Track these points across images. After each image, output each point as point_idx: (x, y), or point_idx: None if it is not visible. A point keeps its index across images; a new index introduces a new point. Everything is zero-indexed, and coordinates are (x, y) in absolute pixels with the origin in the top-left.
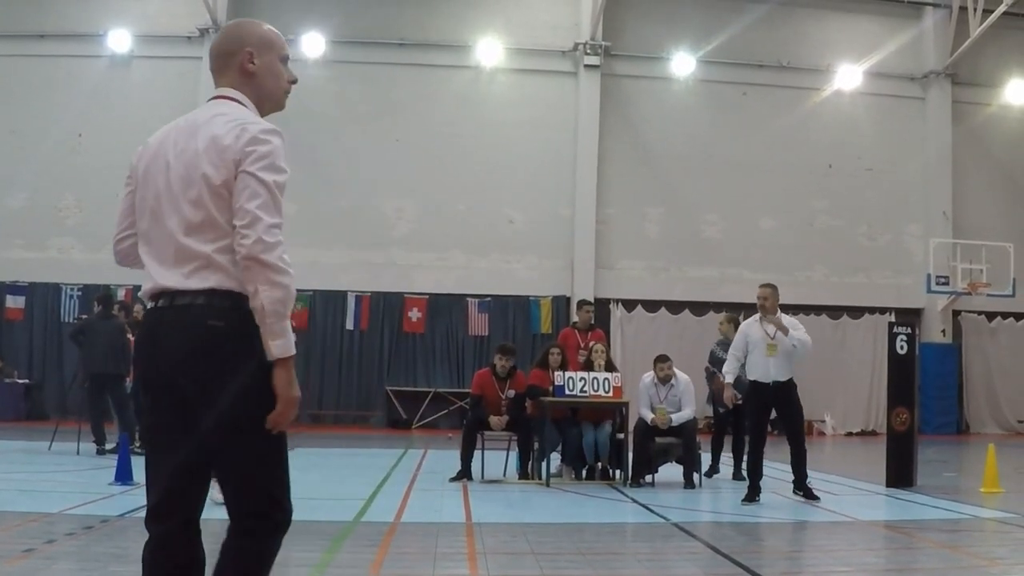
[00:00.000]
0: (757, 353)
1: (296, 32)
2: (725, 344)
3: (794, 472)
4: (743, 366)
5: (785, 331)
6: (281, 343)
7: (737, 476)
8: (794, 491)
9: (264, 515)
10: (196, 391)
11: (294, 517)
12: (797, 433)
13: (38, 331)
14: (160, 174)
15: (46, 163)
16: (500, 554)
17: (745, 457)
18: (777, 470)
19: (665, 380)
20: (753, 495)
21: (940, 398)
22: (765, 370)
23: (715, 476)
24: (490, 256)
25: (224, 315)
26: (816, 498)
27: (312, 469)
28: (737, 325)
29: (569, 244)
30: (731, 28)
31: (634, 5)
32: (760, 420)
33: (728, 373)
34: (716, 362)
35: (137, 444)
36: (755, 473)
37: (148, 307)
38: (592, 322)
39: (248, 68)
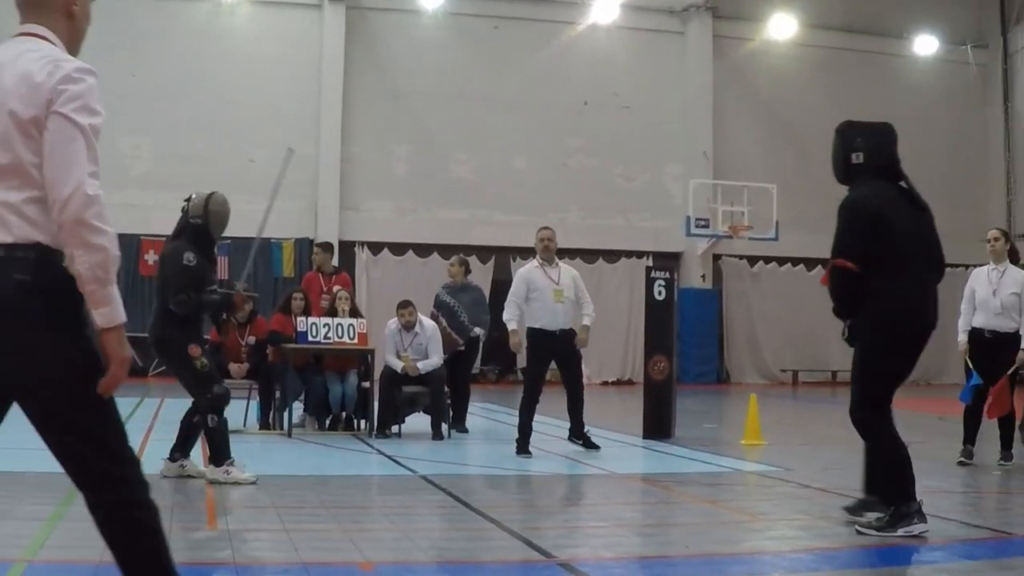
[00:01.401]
0: (543, 300)
1: None
2: (452, 288)
3: (572, 420)
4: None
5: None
6: (106, 311)
7: (460, 428)
8: (570, 438)
9: (115, 491)
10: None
11: (28, 468)
12: (578, 380)
13: None
14: None
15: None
16: (240, 508)
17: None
18: (538, 423)
19: (409, 327)
20: (526, 448)
21: (700, 346)
22: (552, 317)
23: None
24: (230, 197)
25: (30, 268)
26: (596, 447)
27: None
28: (468, 269)
29: (313, 184)
30: None
31: None
32: (542, 371)
33: (511, 320)
34: (441, 307)
35: None
36: (528, 426)
37: None
38: (336, 265)
39: (73, 11)
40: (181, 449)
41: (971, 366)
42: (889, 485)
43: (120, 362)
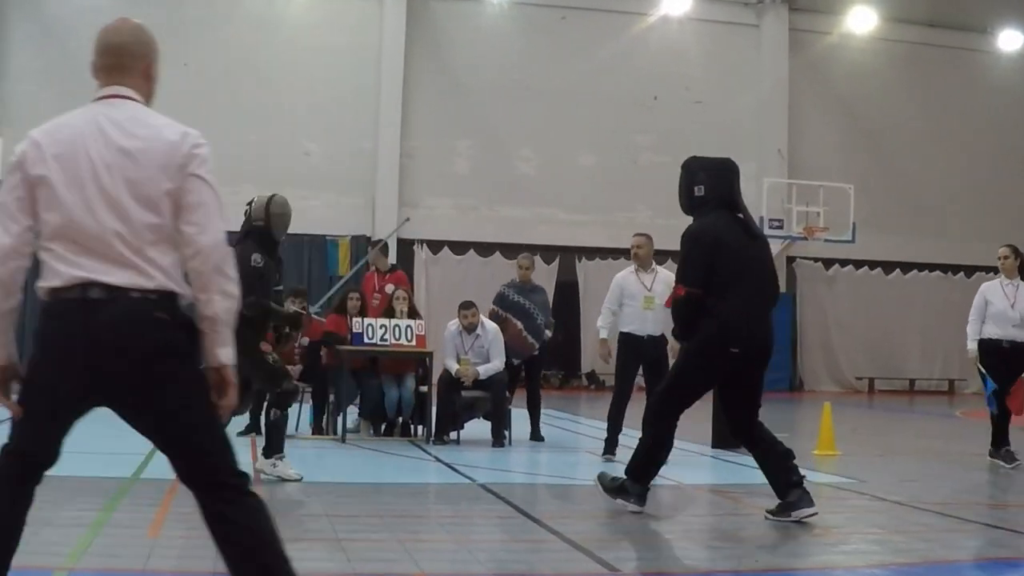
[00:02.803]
0: (634, 305)
1: None
2: (521, 289)
3: None
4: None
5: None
6: (229, 350)
7: (535, 436)
8: None
9: (232, 480)
10: (138, 380)
11: (70, 472)
12: None
13: None
14: (83, 170)
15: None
16: (292, 515)
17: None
18: (594, 427)
19: (471, 329)
20: (612, 449)
21: (773, 352)
22: (642, 323)
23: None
24: (284, 191)
25: (167, 309)
26: None
27: (88, 422)
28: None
29: (371, 180)
30: None
31: None
32: (630, 374)
33: (603, 328)
34: (513, 308)
35: None
36: (616, 427)
37: (66, 298)
38: (394, 263)
39: (151, 73)
40: (276, 448)
41: (984, 372)
42: (634, 461)
43: (236, 388)
